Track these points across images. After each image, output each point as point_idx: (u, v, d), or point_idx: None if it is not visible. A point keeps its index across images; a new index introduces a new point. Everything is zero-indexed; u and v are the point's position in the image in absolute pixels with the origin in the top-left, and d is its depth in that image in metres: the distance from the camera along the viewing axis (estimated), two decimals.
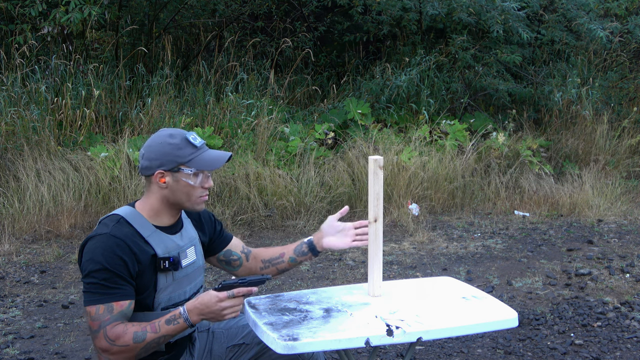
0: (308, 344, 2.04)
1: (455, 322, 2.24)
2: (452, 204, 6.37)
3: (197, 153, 2.17)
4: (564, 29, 8.14)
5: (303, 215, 5.83)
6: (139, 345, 2.06)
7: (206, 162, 2.17)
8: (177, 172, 2.15)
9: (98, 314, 2.05)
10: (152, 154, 2.15)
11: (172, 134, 2.17)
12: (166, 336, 2.09)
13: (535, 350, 3.66)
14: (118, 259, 2.06)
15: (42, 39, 7.19)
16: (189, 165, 2.15)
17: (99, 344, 2.06)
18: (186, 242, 2.25)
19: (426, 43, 8.12)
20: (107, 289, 2.05)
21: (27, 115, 6.01)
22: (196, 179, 2.17)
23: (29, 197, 5.46)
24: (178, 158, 2.14)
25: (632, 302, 4.26)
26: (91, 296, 2.06)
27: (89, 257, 2.08)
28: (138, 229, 2.15)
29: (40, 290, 4.41)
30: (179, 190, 2.17)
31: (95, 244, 2.09)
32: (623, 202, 6.49)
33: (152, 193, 2.20)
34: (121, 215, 2.17)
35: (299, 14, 8.72)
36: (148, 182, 2.20)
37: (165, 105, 6.56)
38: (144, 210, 2.20)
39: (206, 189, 2.22)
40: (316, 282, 4.58)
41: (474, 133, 7.05)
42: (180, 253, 2.21)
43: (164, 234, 2.19)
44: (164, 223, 2.22)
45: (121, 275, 2.07)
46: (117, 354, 2.05)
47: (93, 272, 2.06)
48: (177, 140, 2.15)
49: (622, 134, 7.49)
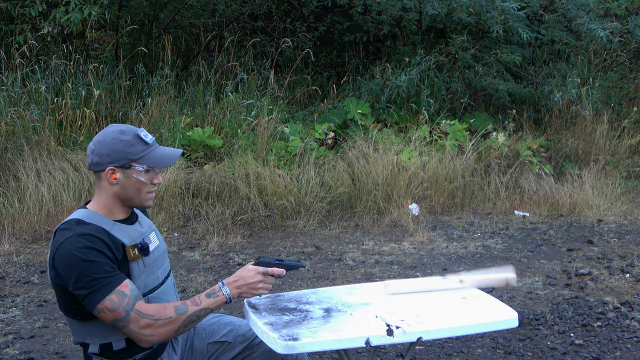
0: (308, 343, 2.04)
1: (455, 322, 2.24)
2: (452, 204, 6.37)
3: (149, 150, 2.17)
4: (564, 29, 8.14)
5: (303, 215, 5.83)
6: (182, 317, 2.09)
7: (158, 159, 2.18)
8: (128, 169, 2.15)
9: (115, 304, 2.03)
10: (104, 150, 2.14)
11: (123, 131, 2.16)
12: (206, 309, 2.13)
13: (535, 350, 3.66)
14: (96, 252, 2.04)
15: (42, 39, 7.19)
16: (140, 162, 2.16)
17: (138, 324, 2.05)
18: (146, 229, 2.27)
19: (426, 43, 8.12)
20: (105, 279, 2.03)
21: (27, 115, 6.01)
22: (147, 175, 2.18)
23: (29, 197, 5.46)
24: (130, 155, 2.14)
25: (632, 302, 4.26)
26: (95, 295, 2.02)
27: (68, 261, 2.03)
28: (99, 225, 2.13)
29: (40, 290, 4.41)
30: (129, 187, 2.17)
31: (66, 248, 2.04)
32: (623, 202, 6.49)
33: (102, 190, 2.19)
34: (78, 217, 2.15)
35: (299, 14, 8.72)
36: (98, 179, 2.19)
37: (165, 105, 6.56)
38: (97, 208, 2.20)
39: (155, 185, 2.23)
40: (316, 282, 4.58)
41: (474, 133, 7.05)
42: (145, 239, 2.22)
43: (124, 225, 2.19)
44: (119, 217, 2.22)
45: (106, 264, 2.05)
46: (161, 327, 2.07)
47: (82, 271, 2.02)
48: (128, 137, 2.15)
49: (622, 134, 7.49)
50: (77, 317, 2.13)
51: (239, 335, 2.43)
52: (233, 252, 5.17)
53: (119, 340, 2.16)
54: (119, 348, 2.16)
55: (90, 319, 2.11)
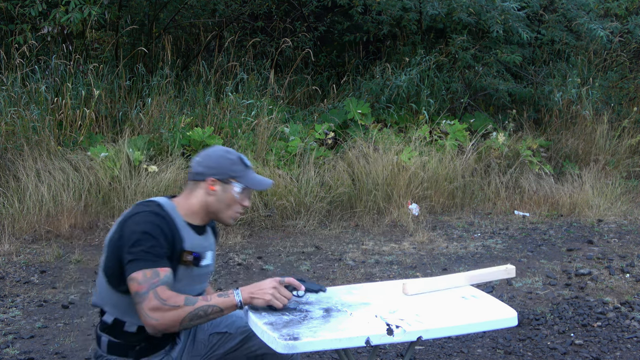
0: (309, 343, 2.05)
1: (455, 321, 2.24)
2: (452, 204, 6.37)
3: (248, 172, 2.38)
4: (564, 29, 8.14)
5: (303, 215, 5.83)
6: (189, 308, 2.16)
7: (254, 181, 2.38)
8: (227, 184, 2.34)
9: (145, 278, 2.15)
10: (211, 163, 2.35)
11: (229, 151, 2.40)
12: (214, 307, 2.19)
13: (535, 350, 3.66)
14: (159, 233, 2.21)
15: (42, 39, 7.18)
16: (239, 180, 2.35)
17: (149, 304, 2.14)
18: (207, 245, 2.40)
19: (426, 43, 8.12)
20: (153, 256, 2.18)
21: (27, 115, 6.01)
22: (240, 195, 2.36)
23: (29, 197, 5.46)
24: (231, 172, 2.35)
25: (632, 302, 4.26)
26: (137, 263, 2.17)
27: (136, 228, 2.21)
28: (173, 217, 2.30)
29: (40, 290, 4.41)
30: (222, 200, 2.35)
31: (141, 218, 2.23)
32: (623, 202, 6.49)
33: (194, 196, 2.36)
34: (160, 202, 2.32)
35: (299, 14, 8.72)
36: (194, 186, 2.36)
37: (165, 105, 6.56)
38: (180, 206, 2.35)
39: (243, 208, 2.39)
40: (316, 282, 4.58)
41: (474, 133, 7.05)
42: (202, 253, 2.35)
43: (192, 231, 2.34)
44: (193, 223, 2.36)
45: (162, 246, 2.21)
46: (168, 311, 2.14)
47: (141, 240, 2.19)
48: (233, 157, 2.37)
49: (622, 134, 7.50)
50: (113, 282, 2.26)
51: (240, 327, 2.49)
52: (233, 252, 5.17)
53: (132, 324, 2.27)
54: (129, 330, 2.27)
55: (123, 290, 2.23)
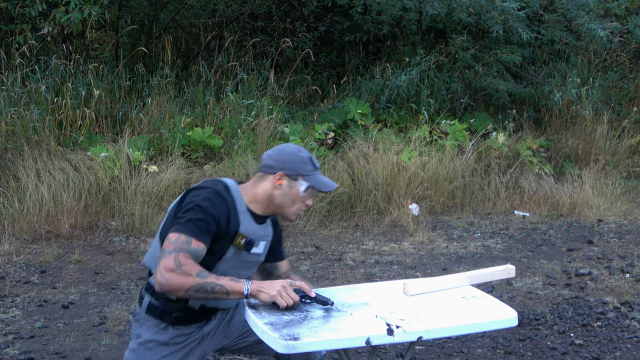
0: (309, 343, 2.05)
1: (455, 321, 2.24)
2: (452, 204, 6.37)
3: (315, 173, 2.45)
4: (564, 29, 8.15)
5: (303, 215, 5.83)
6: (199, 280, 2.21)
7: (320, 182, 2.45)
8: (294, 181, 2.42)
9: (177, 241, 2.25)
10: (282, 158, 2.43)
11: (301, 150, 2.47)
12: (222, 287, 2.23)
13: (535, 350, 3.66)
14: (215, 213, 2.30)
15: (42, 39, 7.18)
16: (306, 179, 2.42)
17: (166, 263, 2.22)
18: (263, 235, 2.46)
19: (426, 43, 8.12)
20: (195, 227, 2.26)
21: (27, 115, 6.01)
22: (305, 193, 2.43)
23: (29, 197, 5.46)
24: (300, 170, 2.42)
25: (632, 302, 4.26)
26: (179, 227, 2.27)
27: (194, 199, 2.32)
28: (236, 200, 2.40)
29: (40, 290, 4.41)
30: (287, 196, 2.42)
31: (202, 193, 2.34)
32: (623, 202, 6.49)
33: (261, 186, 2.44)
34: (228, 184, 2.43)
35: (299, 14, 8.72)
36: (262, 177, 2.45)
37: (165, 105, 6.56)
38: (245, 192, 2.44)
39: (306, 206, 2.47)
40: (316, 282, 4.58)
41: (474, 133, 7.05)
42: (255, 241, 2.42)
43: (251, 219, 2.42)
44: (255, 210, 2.44)
45: (210, 224, 2.29)
46: (178, 275, 2.21)
47: (193, 210, 2.29)
48: (304, 156, 2.45)
49: (622, 134, 7.50)
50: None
51: None
52: None
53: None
54: (170, 297, 2.36)
55: None
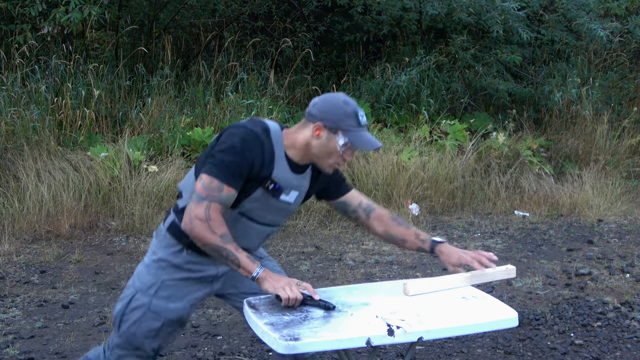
0: (309, 343, 2.05)
1: (455, 321, 2.24)
2: (452, 204, 6.37)
3: (358, 130, 2.31)
4: (564, 29, 8.14)
5: (303, 215, 5.83)
6: (219, 242, 2.24)
7: (360, 140, 2.32)
8: (334, 134, 2.30)
9: (210, 186, 2.24)
10: (325, 108, 2.32)
11: (347, 102, 2.33)
12: (236, 259, 2.25)
13: (535, 350, 3.66)
14: (250, 155, 2.26)
15: (42, 39, 7.17)
16: (345, 135, 2.30)
17: (197, 211, 2.24)
18: (296, 185, 2.41)
19: (426, 43, 8.12)
20: (228, 170, 2.24)
21: (27, 115, 6.01)
22: (344, 147, 2.32)
23: (29, 197, 5.45)
24: (341, 124, 2.29)
25: (632, 302, 4.26)
26: (212, 168, 2.25)
27: (231, 138, 2.28)
28: (274, 144, 2.33)
29: (40, 290, 4.41)
30: (324, 147, 2.32)
31: (240, 132, 2.29)
32: (623, 202, 6.49)
33: (302, 133, 2.36)
34: (269, 127, 2.35)
35: (299, 14, 8.72)
36: (305, 124, 2.37)
37: (165, 105, 6.56)
38: (287, 137, 2.37)
39: (344, 160, 2.37)
40: (316, 282, 4.58)
41: (474, 133, 7.05)
42: (287, 189, 2.37)
43: (287, 166, 2.36)
44: (294, 158, 2.37)
45: (242, 169, 2.26)
46: (204, 229, 2.23)
47: (228, 150, 2.25)
48: (349, 110, 2.31)
49: (622, 134, 7.50)
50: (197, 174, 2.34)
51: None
52: None
53: None
54: None
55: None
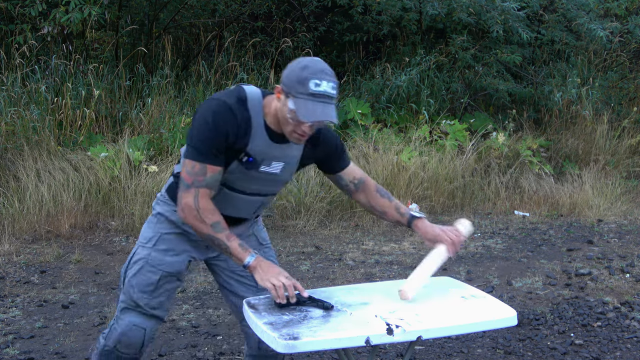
0: (309, 342, 2.04)
1: (455, 321, 2.24)
2: (452, 204, 6.37)
3: (305, 97, 2.16)
4: (564, 29, 8.15)
5: (303, 215, 5.83)
6: (211, 232, 2.24)
7: (302, 108, 2.16)
8: (287, 98, 2.19)
9: (193, 170, 2.22)
10: (287, 71, 2.22)
11: (307, 67, 2.18)
12: (227, 248, 2.26)
13: (535, 350, 3.66)
14: (223, 128, 2.20)
15: (42, 39, 7.18)
16: (294, 101, 2.17)
17: (186, 199, 2.24)
18: (277, 156, 2.32)
19: (426, 43, 8.12)
20: (206, 149, 2.20)
21: (27, 115, 6.01)
22: (292, 114, 2.18)
23: (29, 197, 5.46)
24: (292, 89, 2.17)
25: (632, 302, 4.26)
26: (191, 151, 2.23)
27: (201, 113, 2.23)
28: (251, 114, 2.25)
29: (40, 290, 4.41)
30: (281, 112, 2.23)
31: (213, 105, 2.23)
32: (623, 202, 6.49)
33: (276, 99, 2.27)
34: (245, 96, 2.26)
35: (299, 14, 8.72)
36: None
37: (165, 105, 6.56)
38: (268, 106, 2.28)
39: (302, 131, 2.23)
40: (316, 282, 4.58)
41: (474, 133, 7.05)
42: (266, 160, 2.30)
43: (266, 136, 2.28)
44: (274, 127, 2.28)
45: (219, 143, 2.21)
46: (195, 219, 2.24)
47: (199, 126, 2.21)
48: (303, 75, 2.16)
49: (622, 134, 7.50)
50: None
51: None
52: None
53: None
54: None
55: None
